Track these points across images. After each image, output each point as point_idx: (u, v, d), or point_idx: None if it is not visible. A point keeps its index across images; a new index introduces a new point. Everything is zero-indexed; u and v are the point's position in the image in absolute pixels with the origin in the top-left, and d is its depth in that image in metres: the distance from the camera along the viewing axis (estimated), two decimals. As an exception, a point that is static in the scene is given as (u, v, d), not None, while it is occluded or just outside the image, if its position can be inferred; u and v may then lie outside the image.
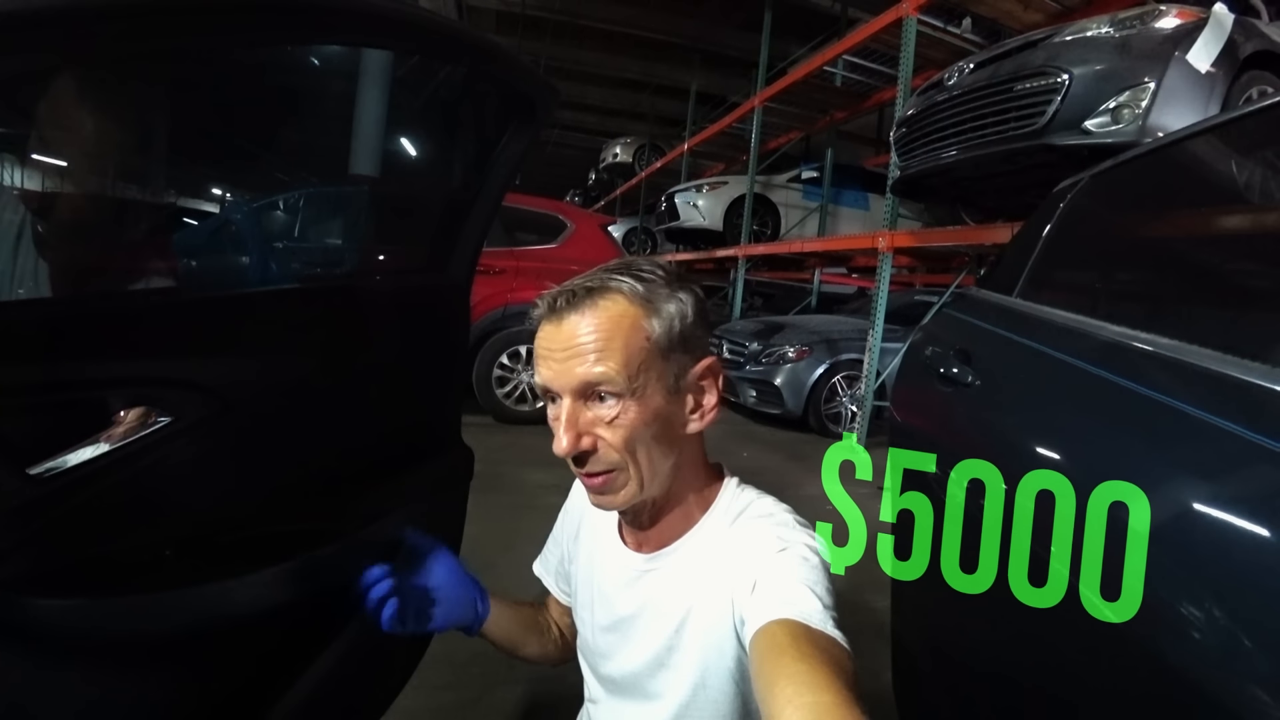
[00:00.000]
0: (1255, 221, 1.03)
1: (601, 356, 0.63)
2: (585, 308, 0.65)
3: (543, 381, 0.66)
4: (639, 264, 0.70)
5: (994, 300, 1.32)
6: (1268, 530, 0.54)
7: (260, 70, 0.92)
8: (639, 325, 0.65)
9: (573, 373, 0.64)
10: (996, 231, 3.75)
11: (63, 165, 0.81)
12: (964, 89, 3.22)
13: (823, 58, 6.35)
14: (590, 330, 0.64)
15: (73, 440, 0.65)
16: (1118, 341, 0.89)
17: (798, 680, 0.48)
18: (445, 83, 1.06)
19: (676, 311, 0.67)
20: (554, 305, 0.66)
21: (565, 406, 0.65)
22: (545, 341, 0.66)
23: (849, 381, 5.19)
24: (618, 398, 0.64)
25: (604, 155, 13.01)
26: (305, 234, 1.16)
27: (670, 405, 0.67)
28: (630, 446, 0.66)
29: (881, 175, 6.03)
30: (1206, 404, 0.67)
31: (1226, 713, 0.51)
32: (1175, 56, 2.51)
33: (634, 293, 0.66)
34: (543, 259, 4.72)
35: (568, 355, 0.64)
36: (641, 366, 0.65)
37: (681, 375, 0.68)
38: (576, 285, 0.66)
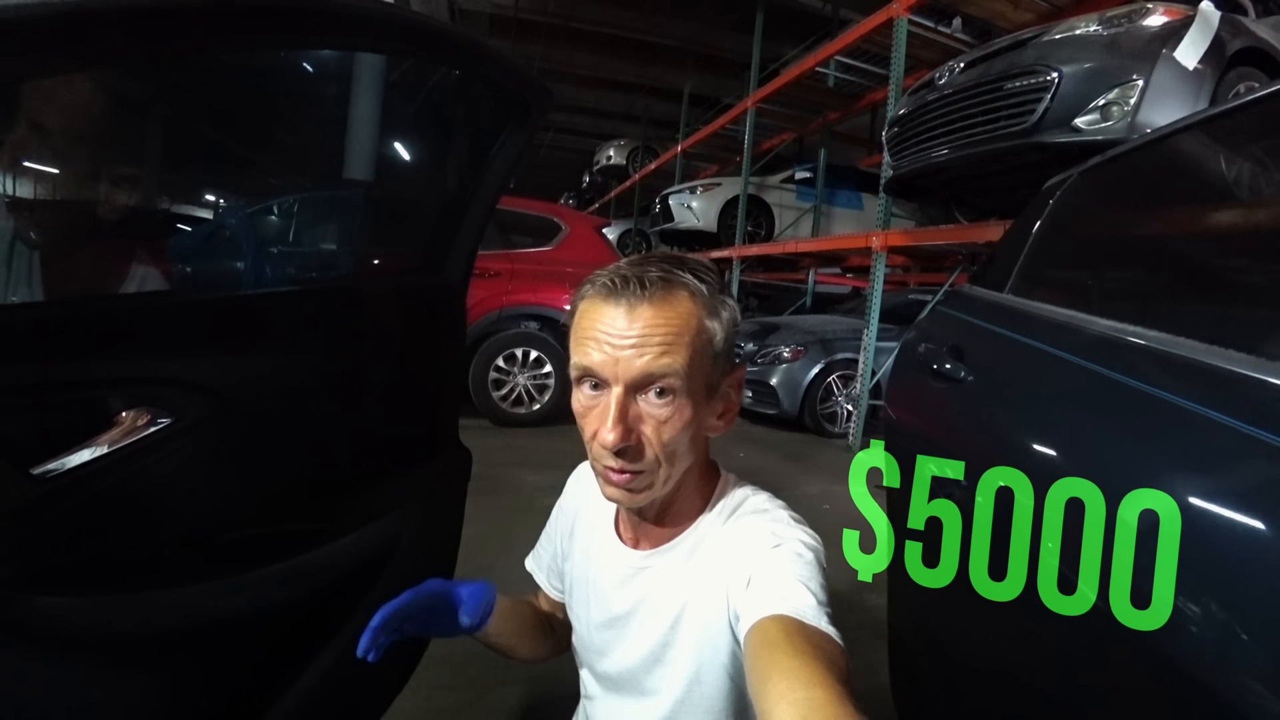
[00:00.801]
0: (1242, 216, 1.04)
1: (670, 350, 0.61)
2: (658, 298, 0.62)
3: (591, 366, 0.63)
4: (692, 262, 0.68)
5: (986, 297, 1.33)
6: (1258, 521, 0.55)
7: (253, 74, 0.93)
8: (703, 326, 0.64)
9: (635, 362, 0.61)
10: (989, 230, 3.77)
11: (61, 168, 0.82)
12: (955, 88, 3.25)
13: (815, 58, 6.38)
14: (662, 322, 0.62)
15: (75, 441, 0.65)
16: (1109, 336, 0.90)
17: (791, 676, 0.49)
18: (440, 85, 1.06)
19: (729, 318, 0.67)
20: (618, 287, 0.62)
21: (616, 396, 0.62)
22: (604, 326, 0.62)
23: (844, 381, 5.20)
24: (673, 395, 0.63)
25: (598, 157, 13.03)
26: (301, 237, 1.16)
27: (705, 409, 0.67)
28: (670, 449, 0.65)
29: (875, 175, 6.05)
30: (1196, 396, 0.68)
31: (1223, 706, 0.52)
32: (1163, 54, 2.54)
33: (699, 293, 0.64)
34: (538, 261, 4.72)
35: (632, 344, 0.61)
36: (699, 368, 0.64)
37: (720, 381, 0.68)
38: (643, 272, 0.63)
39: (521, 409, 4.58)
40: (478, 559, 2.29)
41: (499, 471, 3.39)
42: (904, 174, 3.79)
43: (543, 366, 4.59)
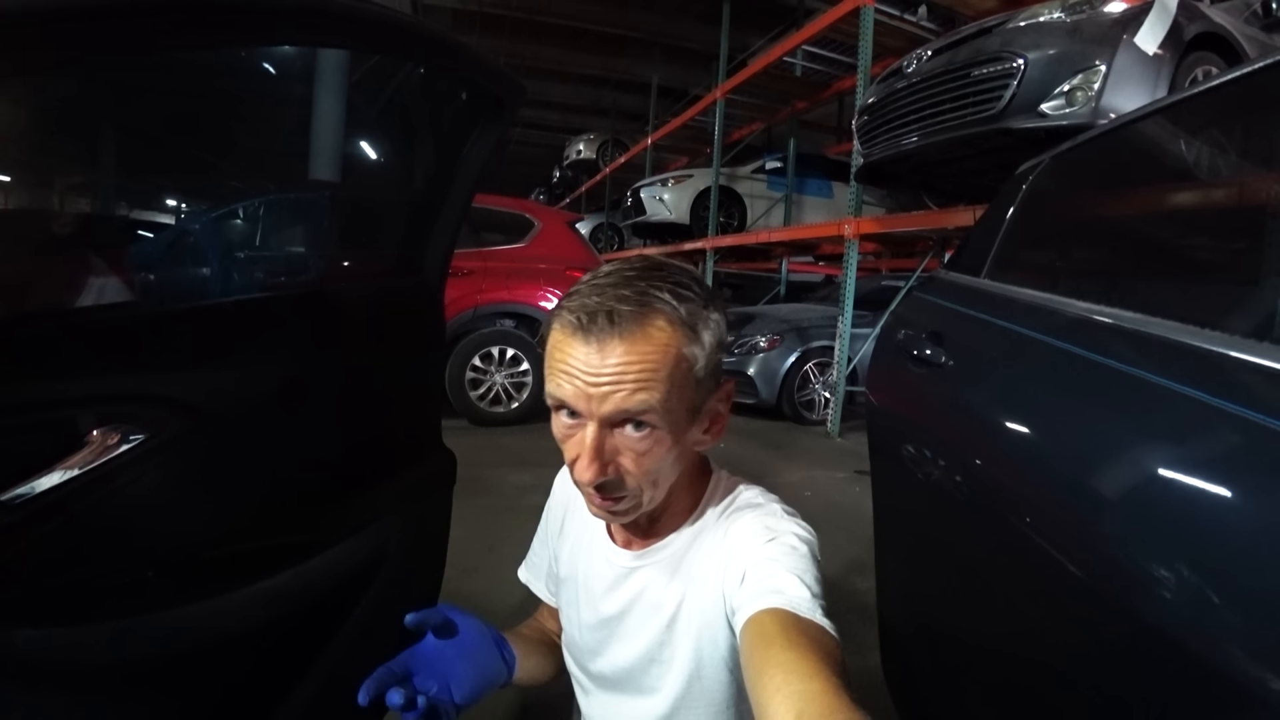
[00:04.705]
0: (1207, 197, 1.06)
1: (644, 387, 0.58)
2: (628, 333, 0.58)
3: (565, 399, 0.60)
4: (673, 274, 0.64)
5: (962, 282, 1.35)
6: (1231, 491, 0.56)
7: (212, 74, 0.90)
8: (682, 356, 0.60)
9: (608, 400, 0.58)
10: (959, 215, 3.83)
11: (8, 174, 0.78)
12: (923, 76, 3.28)
13: (782, 48, 6.41)
14: (635, 359, 0.58)
15: (41, 465, 0.61)
16: (1084, 317, 0.91)
17: (786, 668, 0.49)
18: (407, 81, 1.04)
19: (713, 340, 0.63)
20: (584, 324, 0.59)
21: (591, 433, 0.60)
22: (575, 362, 0.59)
23: (821, 369, 5.26)
24: (650, 428, 0.60)
25: (568, 152, 12.94)
26: (269, 242, 1.13)
27: (691, 429, 0.65)
28: (651, 476, 0.63)
29: (844, 163, 6.11)
30: (1169, 372, 0.69)
31: (1206, 674, 0.53)
32: (1124, 40, 2.59)
33: (677, 317, 0.60)
34: (511, 259, 4.69)
35: (604, 381, 0.58)
36: (679, 397, 0.61)
37: (705, 401, 0.65)
38: (612, 302, 0.59)
39: (500, 408, 4.55)
40: (463, 562, 2.29)
41: (481, 472, 3.36)
42: (874, 161, 3.82)
43: (520, 364, 4.56)
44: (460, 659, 0.70)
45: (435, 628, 0.70)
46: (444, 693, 0.66)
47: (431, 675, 0.67)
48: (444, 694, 0.66)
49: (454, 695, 0.67)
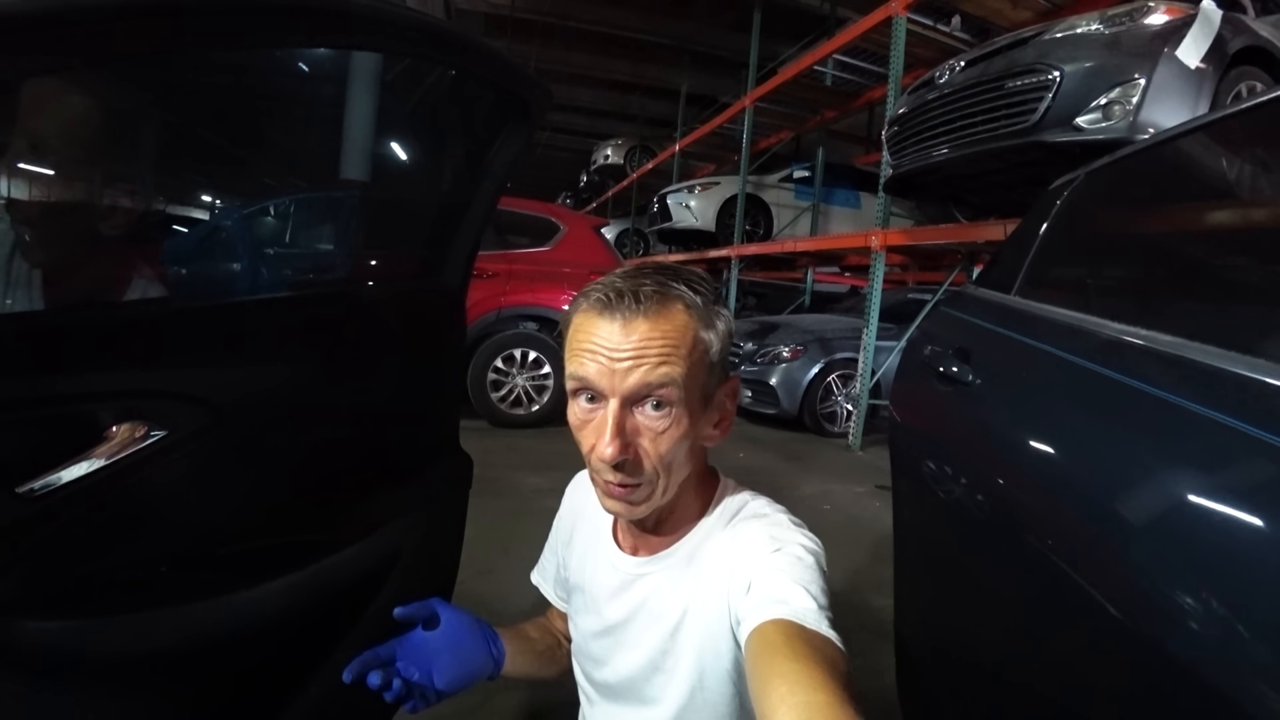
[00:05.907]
0: (1253, 217, 1.03)
1: (666, 361, 0.62)
2: (653, 312, 0.62)
3: (588, 377, 0.63)
4: (686, 273, 0.67)
5: (992, 299, 1.32)
6: (1267, 524, 0.54)
7: (248, 74, 0.91)
8: (699, 338, 0.64)
9: (631, 374, 0.61)
10: (988, 229, 3.76)
11: (48, 173, 0.80)
12: (955, 87, 3.24)
13: (812, 57, 6.37)
14: (658, 335, 0.62)
15: (64, 457, 0.63)
16: (1119, 339, 0.88)
17: (791, 680, 0.48)
18: (437, 84, 1.05)
19: (724, 330, 0.67)
20: (613, 301, 0.62)
21: (613, 410, 0.62)
22: (600, 339, 0.62)
23: (844, 380, 5.20)
24: (670, 406, 0.63)
25: (595, 157, 13.01)
26: (297, 241, 1.15)
27: (701, 420, 0.67)
28: (667, 460, 0.64)
29: (872, 174, 6.05)
30: (1208, 400, 0.67)
31: (1227, 706, 0.51)
32: (1165, 53, 2.53)
33: (694, 305, 0.64)
34: (536, 262, 4.71)
35: (628, 357, 0.61)
36: (695, 378, 0.64)
37: (715, 391, 0.68)
38: (638, 286, 0.63)
39: (520, 410, 4.57)
40: (478, 562, 2.30)
41: (498, 474, 3.37)
42: (904, 173, 3.78)
43: (541, 367, 4.58)
44: (445, 650, 0.76)
45: (424, 620, 0.76)
46: (425, 679, 0.74)
47: (415, 663, 0.74)
48: (425, 680, 0.74)
49: (435, 682, 0.74)
